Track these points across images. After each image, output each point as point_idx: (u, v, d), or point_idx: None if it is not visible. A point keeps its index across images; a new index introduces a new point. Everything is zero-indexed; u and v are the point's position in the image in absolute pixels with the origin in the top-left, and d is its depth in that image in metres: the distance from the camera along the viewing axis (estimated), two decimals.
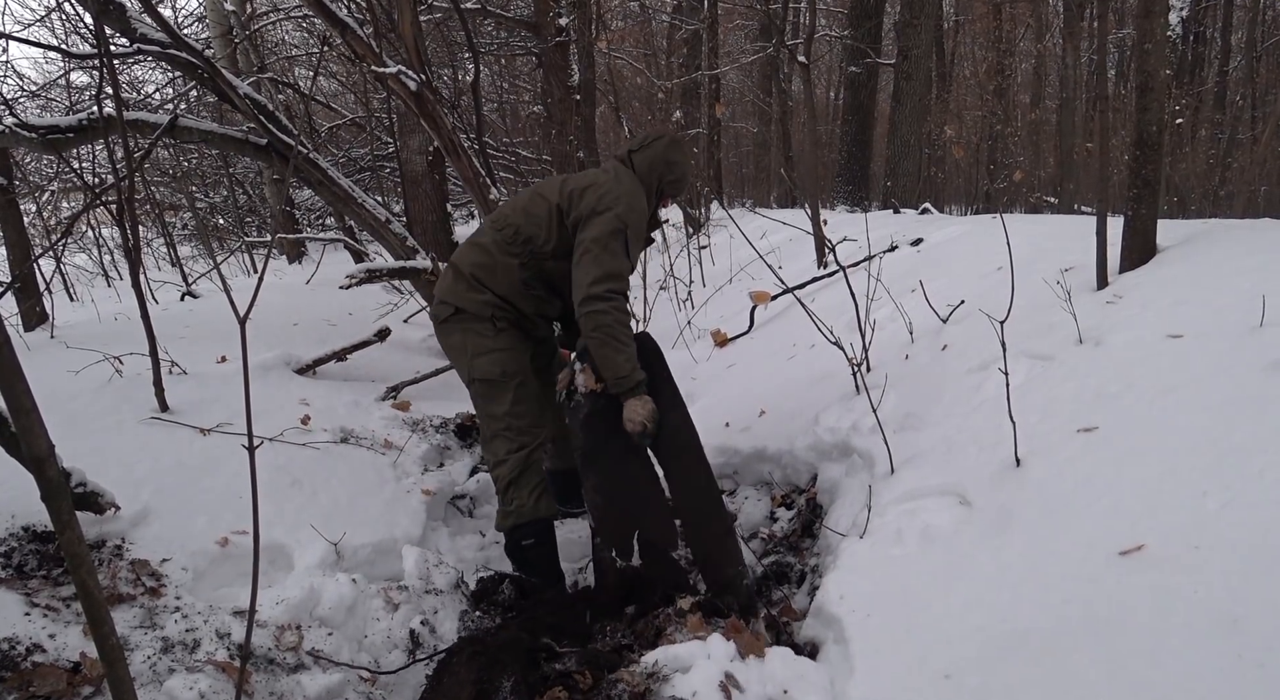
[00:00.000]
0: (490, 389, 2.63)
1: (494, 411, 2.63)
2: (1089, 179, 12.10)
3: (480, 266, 2.64)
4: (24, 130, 3.75)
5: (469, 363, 2.64)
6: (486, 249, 2.65)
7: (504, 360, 2.63)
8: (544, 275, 2.65)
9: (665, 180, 2.74)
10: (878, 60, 10.88)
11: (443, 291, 2.70)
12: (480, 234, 2.73)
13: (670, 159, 2.73)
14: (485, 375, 2.62)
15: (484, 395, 2.65)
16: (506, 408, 2.61)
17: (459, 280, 2.66)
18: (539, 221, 2.60)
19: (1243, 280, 2.38)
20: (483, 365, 2.62)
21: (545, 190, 2.66)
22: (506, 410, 2.61)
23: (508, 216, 2.67)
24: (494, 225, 2.69)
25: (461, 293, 2.65)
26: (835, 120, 16.79)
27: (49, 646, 1.75)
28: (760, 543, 2.72)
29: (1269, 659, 1.26)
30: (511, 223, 2.64)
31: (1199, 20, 13.32)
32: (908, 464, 2.35)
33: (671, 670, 1.81)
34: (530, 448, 2.62)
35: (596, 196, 2.52)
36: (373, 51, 4.31)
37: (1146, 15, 2.75)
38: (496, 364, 2.62)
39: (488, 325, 2.64)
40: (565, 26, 7.65)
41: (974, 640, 1.60)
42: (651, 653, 1.89)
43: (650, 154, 2.71)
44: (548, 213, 2.59)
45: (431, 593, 2.27)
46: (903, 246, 5.04)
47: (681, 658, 1.83)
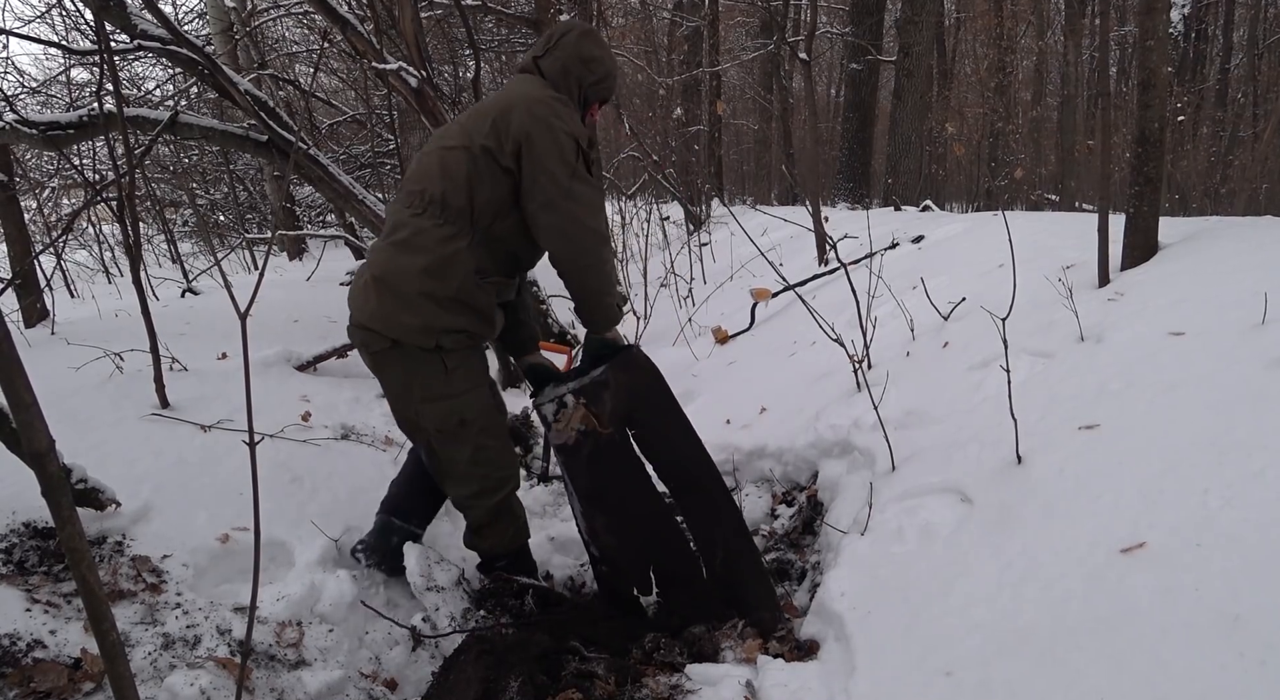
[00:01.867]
0: (446, 438, 2.23)
1: (453, 456, 2.26)
2: (1090, 176, 12.09)
3: (418, 272, 2.09)
4: (24, 126, 3.74)
5: (415, 407, 2.20)
6: (412, 244, 2.09)
7: (461, 408, 2.20)
8: (497, 247, 2.16)
9: (587, 83, 2.27)
10: (879, 57, 10.86)
11: (366, 314, 2.13)
12: (396, 229, 2.14)
13: (586, 54, 2.24)
14: (439, 427, 2.21)
15: (439, 441, 2.25)
16: (468, 455, 2.25)
17: (385, 295, 2.10)
18: (466, 179, 2.09)
19: (1244, 278, 2.38)
20: (434, 415, 2.19)
21: (452, 140, 2.15)
22: (469, 457, 2.25)
23: (423, 192, 2.12)
24: (409, 209, 2.13)
25: (393, 315, 2.09)
26: (836, 117, 16.77)
27: (50, 643, 1.75)
28: (761, 540, 2.72)
29: (1270, 657, 1.25)
30: (431, 197, 2.10)
31: (1201, 17, 13.30)
32: (909, 461, 2.35)
33: (699, 683, 1.84)
34: (502, 494, 2.34)
35: (526, 115, 2.06)
36: (373, 48, 4.30)
37: (1148, 12, 2.74)
38: (453, 414, 2.19)
39: (435, 363, 2.14)
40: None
41: (975, 637, 1.60)
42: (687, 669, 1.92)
43: (561, 55, 2.23)
44: (471, 164, 2.08)
45: (433, 589, 2.27)
46: (904, 244, 5.04)
47: (712, 676, 1.86)
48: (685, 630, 2.14)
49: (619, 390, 2.25)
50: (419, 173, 2.17)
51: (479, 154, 2.09)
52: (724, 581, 2.24)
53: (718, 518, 2.31)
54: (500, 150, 2.07)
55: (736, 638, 2.08)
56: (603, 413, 2.22)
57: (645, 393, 2.33)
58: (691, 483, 2.34)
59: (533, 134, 2.04)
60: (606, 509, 2.27)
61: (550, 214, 2.06)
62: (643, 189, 10.96)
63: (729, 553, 2.27)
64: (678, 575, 2.27)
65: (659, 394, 2.37)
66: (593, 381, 2.23)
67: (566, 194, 2.05)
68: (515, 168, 2.07)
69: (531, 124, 2.05)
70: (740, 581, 2.25)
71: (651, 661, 1.99)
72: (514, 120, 2.06)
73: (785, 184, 13.59)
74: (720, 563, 2.26)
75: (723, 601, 2.21)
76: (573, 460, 2.26)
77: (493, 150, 2.08)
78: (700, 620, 2.17)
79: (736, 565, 2.27)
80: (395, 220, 2.16)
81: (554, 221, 2.07)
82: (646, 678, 1.89)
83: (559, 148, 2.05)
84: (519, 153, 2.06)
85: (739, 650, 2.04)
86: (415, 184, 2.16)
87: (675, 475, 2.34)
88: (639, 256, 6.86)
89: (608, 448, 2.23)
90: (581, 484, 2.27)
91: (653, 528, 2.29)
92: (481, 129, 2.10)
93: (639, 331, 5.11)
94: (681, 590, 2.27)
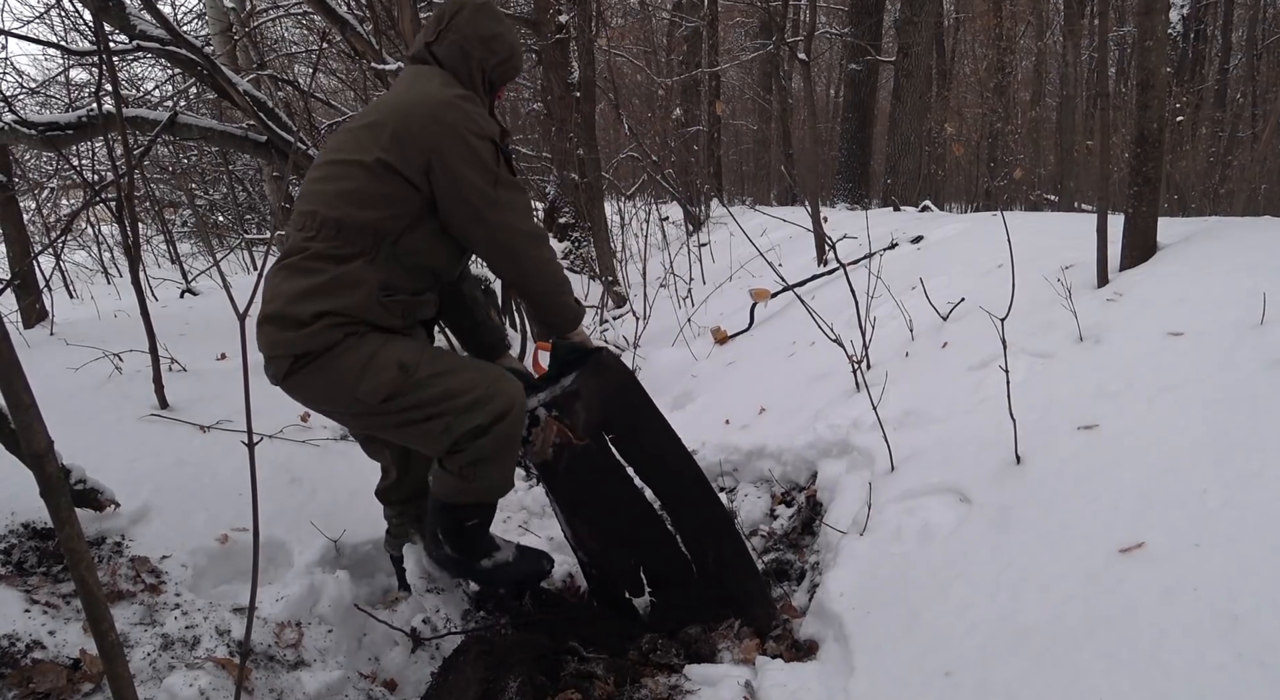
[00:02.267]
0: (401, 399, 1.89)
1: (422, 408, 1.91)
2: (1089, 177, 12.10)
3: (307, 294, 1.84)
4: (23, 127, 3.74)
5: (350, 399, 1.90)
6: (309, 269, 1.86)
7: (391, 356, 1.89)
8: (407, 261, 1.93)
9: (490, 66, 2.06)
10: (878, 57, 10.87)
11: (270, 344, 1.89)
12: (290, 254, 1.91)
13: (485, 33, 2.03)
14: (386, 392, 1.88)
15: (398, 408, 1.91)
16: (436, 392, 1.91)
17: (279, 322, 1.86)
18: (365, 197, 1.87)
19: (1243, 278, 2.38)
20: (373, 384, 1.87)
21: (346, 153, 1.90)
22: (438, 393, 1.91)
23: (314, 213, 1.88)
24: (302, 233, 1.89)
25: (293, 335, 1.84)
26: (835, 118, 16.78)
27: (49, 643, 1.75)
28: (760, 540, 2.72)
29: (1269, 657, 1.26)
30: (324, 219, 1.87)
31: (1200, 18, 13.30)
32: (908, 461, 2.35)
33: (698, 684, 1.84)
34: (513, 409, 1.97)
35: (433, 124, 1.86)
36: (372, 48, 4.30)
37: (1147, 12, 2.74)
38: (387, 367, 1.88)
39: (349, 346, 1.87)
40: (565, 24, 7.64)
41: (974, 638, 1.60)
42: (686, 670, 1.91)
43: (456, 38, 2.01)
44: (370, 180, 1.86)
45: (433, 592, 2.27)
46: (903, 244, 5.04)
47: (711, 676, 1.86)
48: (681, 631, 2.13)
49: (591, 397, 2.16)
50: (311, 191, 1.92)
51: (377, 169, 1.86)
52: (716, 580, 2.23)
53: (704, 516, 2.28)
54: (405, 164, 1.87)
55: (733, 638, 2.08)
56: (576, 423, 2.12)
57: (619, 397, 2.24)
58: (674, 483, 2.29)
59: (443, 147, 1.86)
60: (589, 516, 2.24)
61: (479, 227, 1.93)
62: (642, 189, 10.96)
63: (719, 551, 2.25)
64: (668, 574, 2.25)
65: (633, 396, 2.28)
66: (564, 393, 2.12)
67: (493, 204, 1.91)
68: (425, 183, 1.89)
69: (441, 135, 1.86)
70: (732, 579, 2.24)
71: (648, 662, 1.99)
72: (418, 130, 1.86)
73: (784, 184, 13.60)
74: (711, 561, 2.24)
75: (717, 600, 2.20)
76: (551, 474, 2.18)
77: (394, 165, 1.86)
78: (695, 620, 2.16)
79: (727, 563, 2.25)
80: (289, 245, 1.91)
81: (484, 234, 1.95)
82: (645, 678, 1.89)
83: (476, 156, 1.89)
84: (428, 167, 1.87)
85: (736, 650, 2.04)
86: (307, 204, 1.91)
87: (657, 477, 2.28)
88: (638, 257, 6.86)
89: (585, 457, 2.15)
90: (562, 495, 2.23)
91: (638, 530, 2.24)
92: (379, 140, 1.87)
93: (638, 332, 5.11)
94: (673, 589, 2.25)
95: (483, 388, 1.94)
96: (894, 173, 10.31)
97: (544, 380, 2.23)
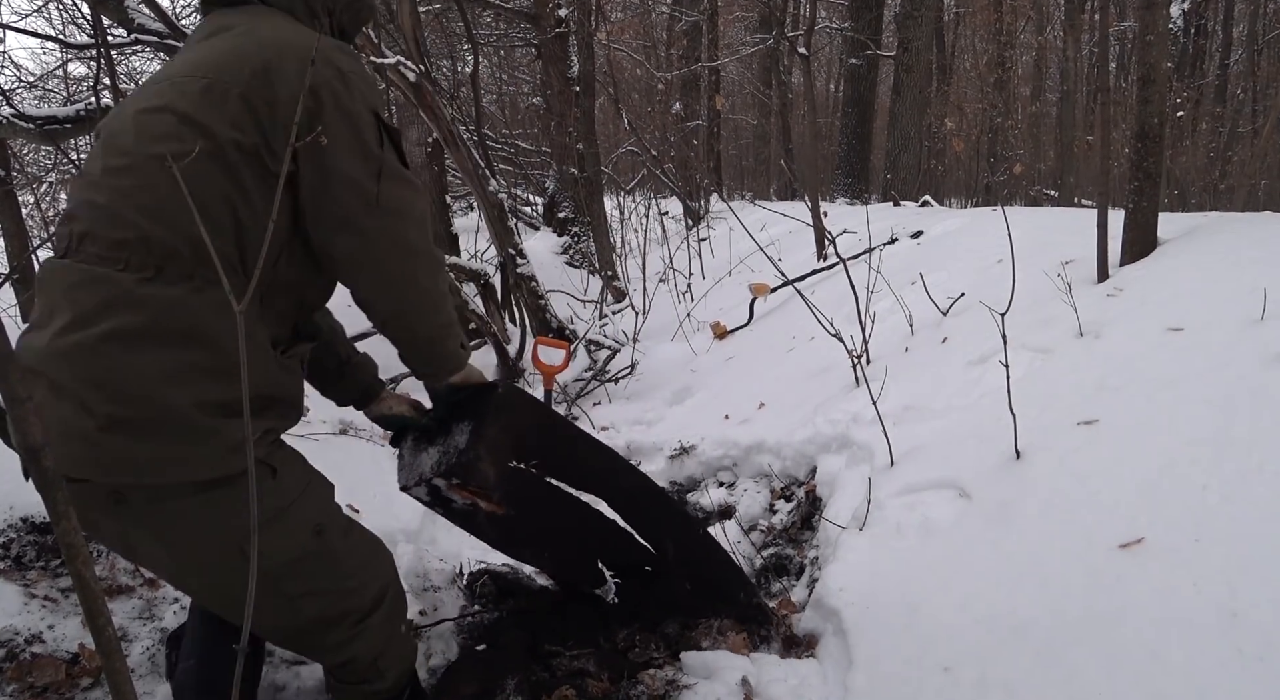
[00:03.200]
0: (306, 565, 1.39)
1: (332, 578, 1.44)
2: (1089, 172, 12.08)
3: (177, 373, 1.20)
4: (21, 121, 3.73)
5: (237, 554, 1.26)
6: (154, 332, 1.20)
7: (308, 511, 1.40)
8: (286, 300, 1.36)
9: (339, 7, 1.50)
10: (878, 52, 10.85)
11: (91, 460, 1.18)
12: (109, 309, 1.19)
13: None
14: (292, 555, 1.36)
15: (295, 575, 1.38)
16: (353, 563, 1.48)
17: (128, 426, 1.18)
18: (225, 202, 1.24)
19: (1243, 273, 2.38)
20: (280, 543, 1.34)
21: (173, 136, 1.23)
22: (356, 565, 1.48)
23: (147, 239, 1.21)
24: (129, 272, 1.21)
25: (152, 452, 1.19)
26: (835, 112, 16.75)
27: (48, 638, 1.75)
28: (760, 535, 2.72)
29: (1268, 652, 1.26)
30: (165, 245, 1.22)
31: (1200, 13, 13.28)
32: (907, 457, 2.35)
33: (696, 677, 1.82)
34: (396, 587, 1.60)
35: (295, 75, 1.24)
36: (371, 42, 4.28)
37: (1148, 8, 2.73)
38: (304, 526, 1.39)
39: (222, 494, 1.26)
40: (564, 18, 7.62)
41: (973, 633, 1.60)
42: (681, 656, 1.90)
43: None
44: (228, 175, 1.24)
45: (430, 590, 2.26)
46: (903, 239, 5.04)
47: (708, 669, 1.84)
48: (659, 627, 2.07)
49: (496, 448, 1.74)
50: (119, 204, 1.23)
51: (233, 154, 1.24)
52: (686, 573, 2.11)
53: (656, 515, 2.08)
54: (272, 151, 1.26)
55: (716, 635, 2.02)
56: (486, 484, 1.72)
57: (530, 434, 1.84)
58: (615, 492, 2.05)
59: (321, 115, 1.26)
60: (529, 544, 1.99)
61: (349, 236, 1.30)
62: (641, 184, 10.95)
63: (679, 544, 2.09)
64: (630, 563, 2.09)
65: (546, 427, 1.92)
66: (460, 460, 1.65)
67: (372, 205, 1.30)
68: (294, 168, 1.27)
69: (315, 98, 1.25)
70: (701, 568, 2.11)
71: (626, 658, 1.95)
72: (281, 92, 1.24)
73: (784, 179, 13.58)
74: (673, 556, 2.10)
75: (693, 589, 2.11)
76: (471, 524, 1.85)
77: (257, 147, 1.26)
78: (669, 611, 2.09)
79: (692, 554, 2.11)
80: (106, 294, 1.20)
81: (356, 248, 1.32)
82: (642, 673, 1.88)
83: (357, 134, 1.30)
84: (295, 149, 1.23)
85: (723, 646, 2.00)
86: (117, 227, 1.22)
87: (595, 488, 2.03)
88: (638, 252, 6.86)
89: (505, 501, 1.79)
90: (491, 539, 1.95)
91: (585, 532, 2.02)
92: (224, 111, 1.24)
93: (638, 327, 5.10)
94: (638, 576, 2.11)
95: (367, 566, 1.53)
96: (894, 168, 10.30)
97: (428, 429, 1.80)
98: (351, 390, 1.77)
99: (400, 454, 1.83)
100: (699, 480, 3.14)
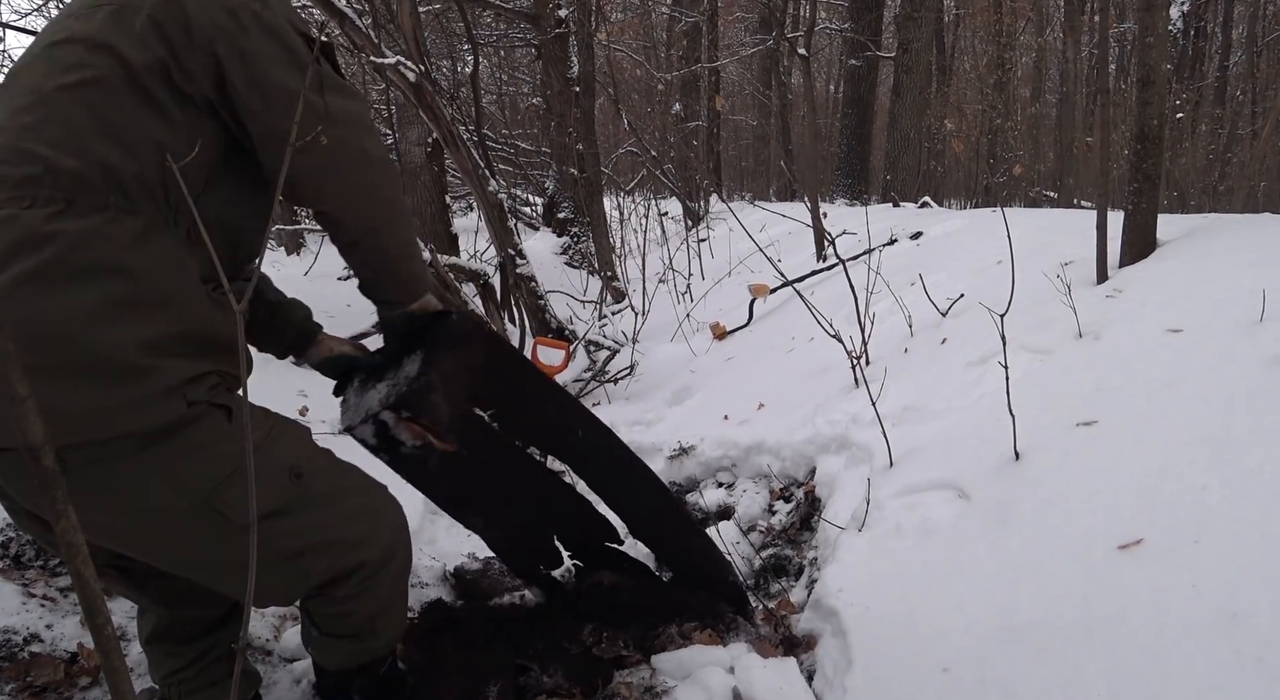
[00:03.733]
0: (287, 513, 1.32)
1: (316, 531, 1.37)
2: (1089, 173, 12.09)
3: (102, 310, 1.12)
4: None
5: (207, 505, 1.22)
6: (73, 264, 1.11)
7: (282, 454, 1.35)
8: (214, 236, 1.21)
9: None
10: (878, 53, 10.86)
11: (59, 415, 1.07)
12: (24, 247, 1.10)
13: None
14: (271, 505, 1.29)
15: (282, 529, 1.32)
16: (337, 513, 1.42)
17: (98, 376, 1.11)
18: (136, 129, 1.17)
19: (1243, 275, 2.38)
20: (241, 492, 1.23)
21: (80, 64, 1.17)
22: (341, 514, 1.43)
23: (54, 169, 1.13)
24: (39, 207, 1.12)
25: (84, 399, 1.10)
26: (835, 113, 16.77)
27: (46, 637, 1.75)
28: (759, 536, 2.72)
29: (1267, 653, 1.26)
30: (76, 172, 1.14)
31: (1200, 15, 13.30)
32: (907, 457, 2.35)
33: (675, 680, 1.78)
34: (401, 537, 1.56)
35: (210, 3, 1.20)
36: (371, 42, 4.28)
37: (1148, 9, 2.74)
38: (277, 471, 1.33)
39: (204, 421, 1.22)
40: (564, 18, 7.62)
41: (972, 634, 1.60)
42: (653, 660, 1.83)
43: None
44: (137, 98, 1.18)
45: (416, 586, 2.26)
46: (902, 240, 5.04)
47: (685, 665, 1.80)
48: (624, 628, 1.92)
49: (450, 380, 1.59)
50: (25, 139, 1.15)
51: (149, 80, 1.18)
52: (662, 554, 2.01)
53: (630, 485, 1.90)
54: (186, 71, 1.20)
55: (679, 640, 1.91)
56: (438, 419, 1.57)
57: (488, 370, 1.69)
58: (579, 448, 1.86)
59: (236, 35, 1.21)
60: (478, 507, 1.84)
61: (307, 155, 1.23)
62: (641, 184, 10.95)
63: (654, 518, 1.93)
64: (589, 542, 1.96)
65: (506, 365, 1.75)
66: (411, 388, 1.52)
67: (322, 116, 1.25)
68: (218, 98, 1.23)
69: (230, 21, 1.21)
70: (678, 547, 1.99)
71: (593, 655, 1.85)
72: (196, 14, 1.19)
73: (784, 180, 13.58)
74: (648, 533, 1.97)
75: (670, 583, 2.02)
76: (419, 475, 1.68)
77: (170, 72, 1.19)
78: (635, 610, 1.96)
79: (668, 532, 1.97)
80: (12, 236, 1.11)
81: (314, 161, 1.26)
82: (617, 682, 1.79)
83: (288, 49, 1.25)
84: (219, 74, 1.21)
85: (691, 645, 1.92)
86: (23, 164, 1.13)
87: (557, 447, 1.88)
88: (637, 252, 6.86)
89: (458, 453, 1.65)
90: (439, 495, 1.79)
91: (543, 504, 1.87)
92: (133, 33, 1.18)
93: (637, 327, 5.10)
94: (599, 558, 1.98)
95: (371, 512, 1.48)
96: (893, 168, 10.32)
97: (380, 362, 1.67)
98: (286, 334, 1.67)
99: (344, 398, 1.68)
100: (698, 481, 3.14)
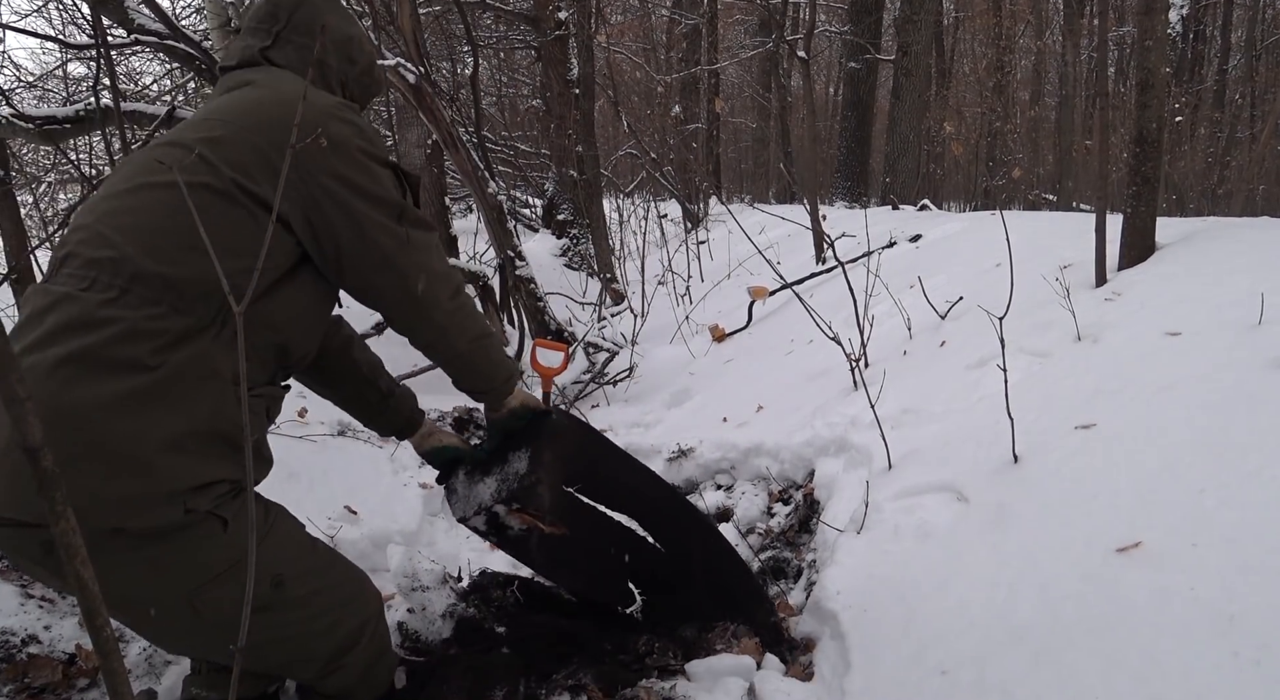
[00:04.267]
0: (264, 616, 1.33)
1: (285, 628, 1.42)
2: (1088, 176, 12.11)
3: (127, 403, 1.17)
4: (20, 121, 3.73)
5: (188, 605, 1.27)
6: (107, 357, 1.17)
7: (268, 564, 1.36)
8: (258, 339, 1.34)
9: (351, 77, 1.64)
10: (877, 56, 10.87)
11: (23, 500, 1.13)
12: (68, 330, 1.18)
13: (340, 35, 1.60)
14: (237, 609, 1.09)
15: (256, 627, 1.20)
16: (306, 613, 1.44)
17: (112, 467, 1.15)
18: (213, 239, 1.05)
19: (1241, 278, 2.38)
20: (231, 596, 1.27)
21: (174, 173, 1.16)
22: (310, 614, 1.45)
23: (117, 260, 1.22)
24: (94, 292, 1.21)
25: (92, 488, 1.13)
26: (834, 116, 16.79)
27: (44, 638, 1.75)
28: (757, 538, 2.72)
29: (1265, 656, 1.26)
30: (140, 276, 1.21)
31: (1199, 18, 13.32)
32: (905, 460, 2.35)
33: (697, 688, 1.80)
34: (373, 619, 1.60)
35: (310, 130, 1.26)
36: (371, 43, 4.29)
37: (1147, 12, 2.74)
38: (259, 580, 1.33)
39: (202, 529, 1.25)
40: (564, 20, 7.63)
41: (970, 636, 1.60)
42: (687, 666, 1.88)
43: (303, 41, 1.54)
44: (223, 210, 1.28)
45: (418, 589, 2.26)
46: (901, 242, 5.05)
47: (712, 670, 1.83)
48: (678, 632, 2.08)
49: (552, 472, 1.84)
50: (103, 224, 1.26)
51: (236, 196, 1.29)
52: (708, 582, 2.17)
53: (684, 527, 2.15)
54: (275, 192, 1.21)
55: (730, 638, 2.06)
56: (542, 509, 1.80)
57: (578, 455, 1.96)
58: (647, 506, 2.13)
59: (336, 171, 1.36)
60: (570, 569, 2.03)
61: (388, 274, 1.44)
62: (640, 187, 10.96)
63: (707, 558, 2.16)
64: (657, 579, 2.16)
65: (592, 448, 2.02)
66: (522, 485, 1.74)
67: (404, 244, 1.45)
68: (300, 221, 1.35)
69: (330, 155, 1.35)
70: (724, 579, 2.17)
71: (644, 664, 1.93)
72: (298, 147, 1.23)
73: (783, 182, 13.60)
74: (699, 566, 2.16)
75: (711, 601, 2.15)
76: (521, 549, 1.88)
77: (259, 193, 1.31)
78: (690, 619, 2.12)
79: (716, 566, 2.17)
80: (67, 316, 1.18)
81: (394, 283, 1.46)
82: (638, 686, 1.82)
83: (378, 185, 1.42)
84: (310, 200, 1.34)
85: (735, 649, 2.02)
86: (96, 246, 1.23)
87: (629, 505, 2.12)
88: (636, 254, 6.86)
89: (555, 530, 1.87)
90: (539, 565, 1.99)
91: (621, 554, 2.08)
92: (229, 157, 1.30)
93: (636, 329, 5.10)
94: (665, 592, 2.17)
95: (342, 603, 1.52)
96: (893, 171, 10.33)
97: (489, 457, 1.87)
98: (394, 421, 1.87)
99: (452, 487, 1.88)
100: (697, 483, 3.14)
